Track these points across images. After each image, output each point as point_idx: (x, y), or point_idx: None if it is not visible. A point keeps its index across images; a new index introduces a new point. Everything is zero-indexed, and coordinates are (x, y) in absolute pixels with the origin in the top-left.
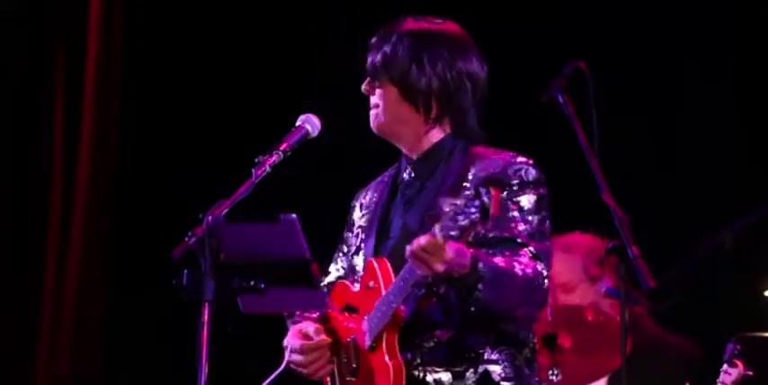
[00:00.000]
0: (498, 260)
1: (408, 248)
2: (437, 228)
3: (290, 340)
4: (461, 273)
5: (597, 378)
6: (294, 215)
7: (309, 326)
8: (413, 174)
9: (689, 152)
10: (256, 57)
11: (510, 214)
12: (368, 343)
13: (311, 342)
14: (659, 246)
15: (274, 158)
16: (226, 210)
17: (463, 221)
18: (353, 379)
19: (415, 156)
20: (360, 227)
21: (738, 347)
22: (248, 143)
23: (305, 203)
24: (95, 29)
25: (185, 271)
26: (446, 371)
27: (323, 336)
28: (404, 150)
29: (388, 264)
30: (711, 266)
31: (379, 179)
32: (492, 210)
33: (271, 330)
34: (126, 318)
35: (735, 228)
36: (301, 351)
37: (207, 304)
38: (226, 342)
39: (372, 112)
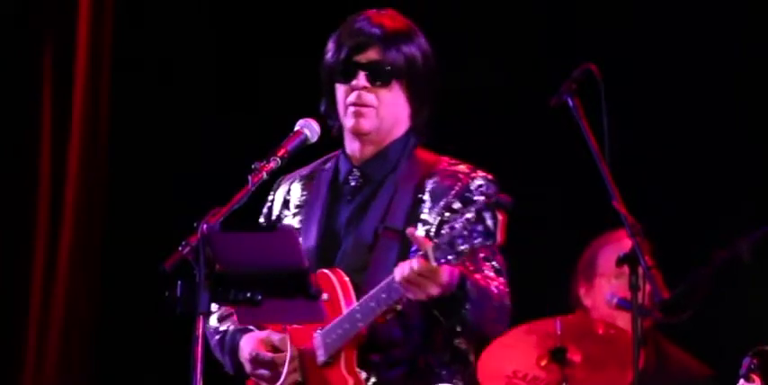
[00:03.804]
0: (479, 278)
1: (399, 273)
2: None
3: (257, 351)
4: (450, 292)
5: None
6: (293, 224)
7: (273, 335)
8: (360, 180)
9: (702, 157)
10: (252, 58)
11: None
12: (322, 358)
13: (282, 354)
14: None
15: (272, 165)
16: (221, 219)
17: (463, 246)
18: None
19: (360, 157)
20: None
21: (755, 361)
22: (245, 148)
23: None
24: (84, 30)
25: (179, 282)
26: None
27: (292, 346)
28: (353, 150)
29: (346, 278)
30: (727, 277)
31: (304, 173)
32: (499, 239)
33: None
34: (117, 329)
35: (752, 237)
36: (274, 364)
37: (201, 316)
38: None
39: (366, 111)
